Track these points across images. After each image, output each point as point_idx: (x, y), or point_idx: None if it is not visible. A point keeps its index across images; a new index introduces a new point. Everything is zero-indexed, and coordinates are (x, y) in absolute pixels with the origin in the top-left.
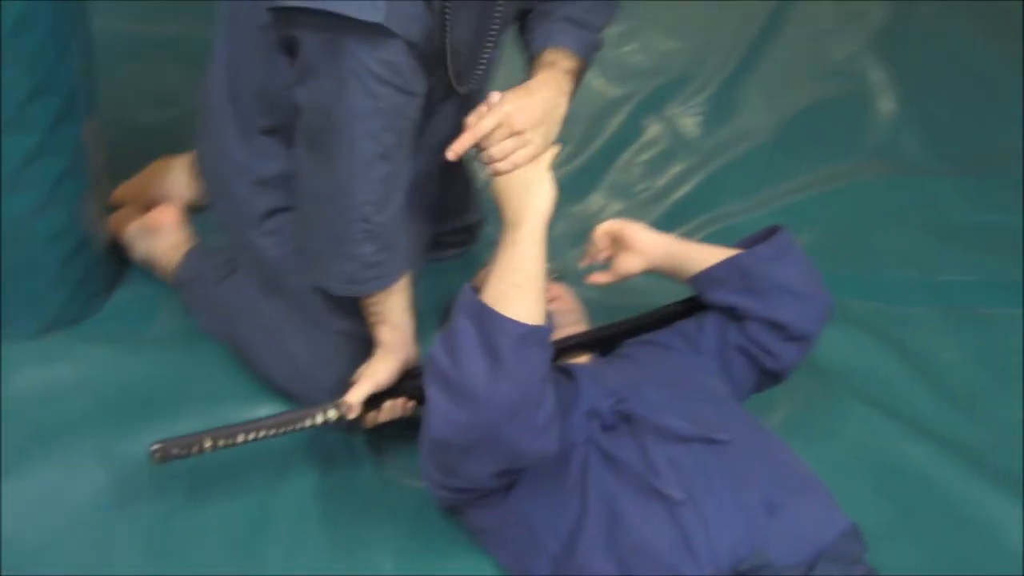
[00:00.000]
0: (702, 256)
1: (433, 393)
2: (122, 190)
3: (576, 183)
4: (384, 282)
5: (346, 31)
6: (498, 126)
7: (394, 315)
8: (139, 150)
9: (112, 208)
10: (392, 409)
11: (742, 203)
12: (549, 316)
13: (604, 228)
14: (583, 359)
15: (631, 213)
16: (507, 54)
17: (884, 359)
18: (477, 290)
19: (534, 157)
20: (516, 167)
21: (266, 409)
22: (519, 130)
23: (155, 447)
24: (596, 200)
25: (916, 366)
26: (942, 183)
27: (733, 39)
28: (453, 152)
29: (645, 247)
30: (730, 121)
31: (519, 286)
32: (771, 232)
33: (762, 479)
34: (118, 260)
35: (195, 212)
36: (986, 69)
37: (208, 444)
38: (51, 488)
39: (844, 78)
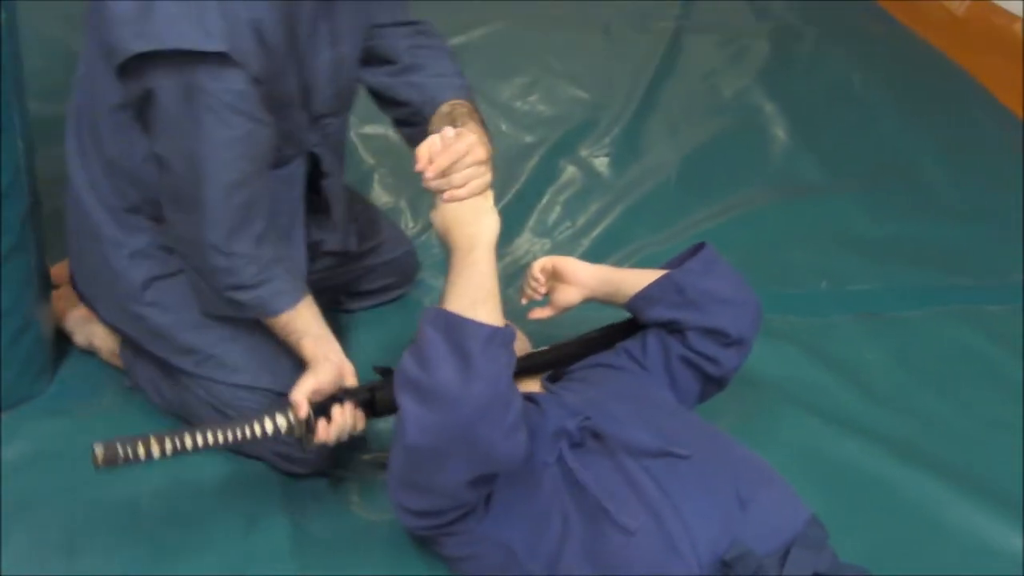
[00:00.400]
0: (636, 279)
1: (405, 401)
2: (56, 270)
3: (502, 226)
4: (287, 299)
5: (195, 67)
6: (467, 152)
7: (312, 327)
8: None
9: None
10: (342, 419)
11: (657, 235)
12: (509, 324)
13: (540, 264)
14: (537, 387)
15: (556, 251)
16: None
17: (810, 367)
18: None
19: (486, 188)
20: (472, 195)
21: (224, 466)
22: (483, 160)
23: (98, 447)
24: (523, 242)
25: (840, 370)
26: (840, 200)
27: (630, 83)
28: (433, 170)
29: (581, 278)
30: (638, 159)
31: (481, 301)
32: (696, 250)
33: (729, 476)
34: (60, 336)
35: None
36: (864, 95)
37: (155, 448)
38: (19, 561)
39: (737, 112)
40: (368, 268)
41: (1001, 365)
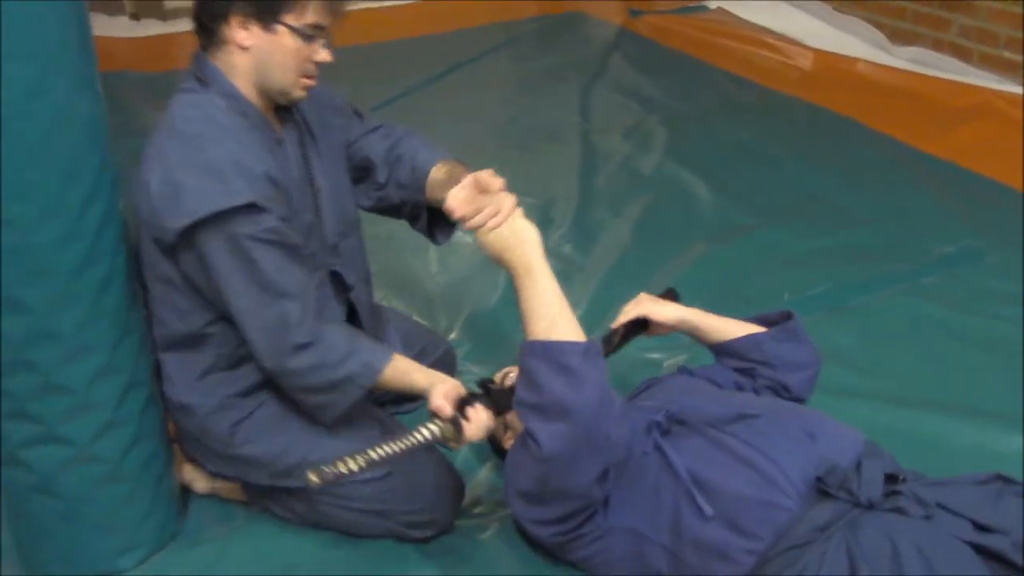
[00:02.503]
0: (723, 328)
1: (531, 422)
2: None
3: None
4: (382, 353)
5: (230, 221)
6: (488, 186)
7: (413, 364)
8: None
9: None
10: (478, 415)
11: (636, 292)
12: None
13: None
14: None
15: None
16: None
17: None
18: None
19: (514, 207)
20: (507, 218)
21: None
22: (501, 187)
23: (312, 474)
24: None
25: (825, 356)
26: (772, 231)
27: (565, 183)
28: (468, 214)
29: (663, 320)
30: (597, 240)
31: (559, 314)
32: (784, 316)
33: (794, 420)
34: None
35: None
36: (754, 147)
37: (352, 464)
38: None
39: (661, 183)
40: None
41: (948, 320)
